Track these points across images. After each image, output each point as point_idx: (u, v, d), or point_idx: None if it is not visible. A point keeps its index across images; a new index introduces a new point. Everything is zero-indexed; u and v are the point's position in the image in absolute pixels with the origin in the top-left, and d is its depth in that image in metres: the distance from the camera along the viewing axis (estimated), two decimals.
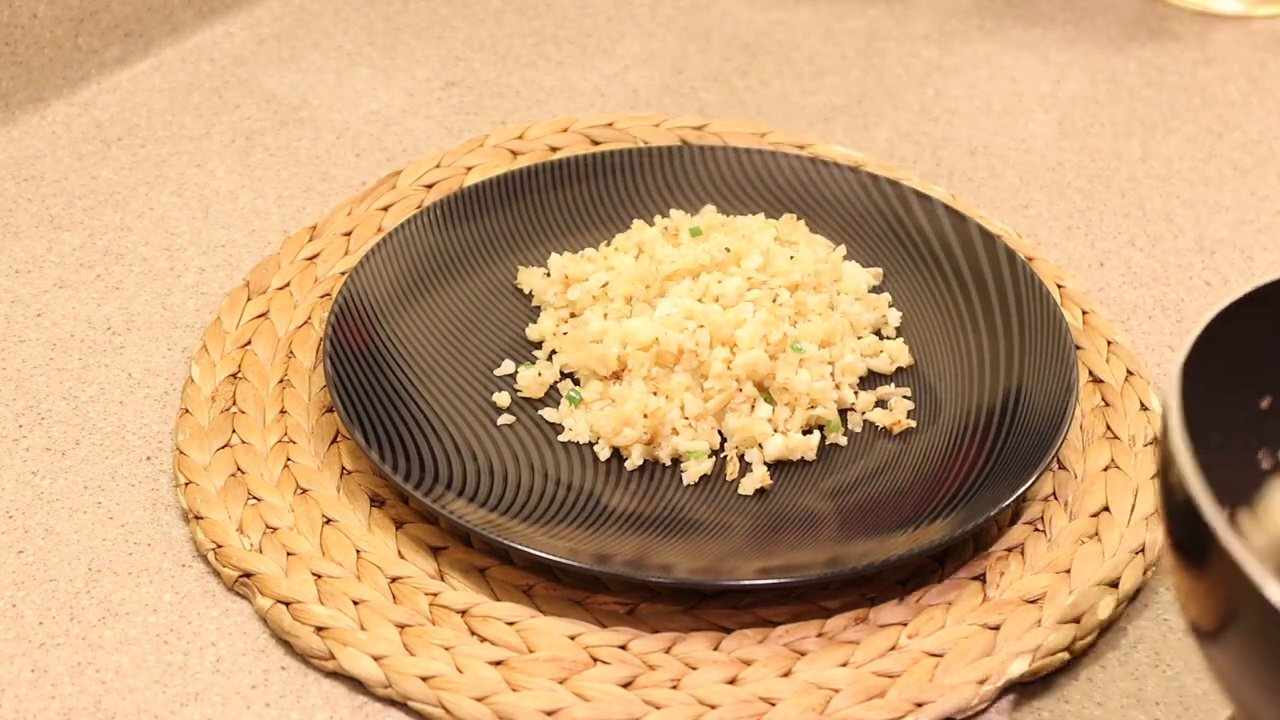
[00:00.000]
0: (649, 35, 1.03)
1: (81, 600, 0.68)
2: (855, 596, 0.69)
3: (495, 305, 0.81)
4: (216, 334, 0.79)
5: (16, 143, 0.92)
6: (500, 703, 0.64)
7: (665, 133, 0.92)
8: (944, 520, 0.69)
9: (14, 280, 0.83)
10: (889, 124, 0.97)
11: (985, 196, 0.91)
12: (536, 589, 0.69)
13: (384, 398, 0.74)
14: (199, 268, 0.84)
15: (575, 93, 0.98)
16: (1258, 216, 0.91)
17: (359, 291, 0.78)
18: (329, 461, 0.74)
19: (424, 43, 1.02)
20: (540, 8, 1.05)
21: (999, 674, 0.65)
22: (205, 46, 1.00)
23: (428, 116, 0.96)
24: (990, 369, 0.77)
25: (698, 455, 0.73)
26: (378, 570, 0.69)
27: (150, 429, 0.75)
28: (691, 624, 0.68)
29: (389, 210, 0.86)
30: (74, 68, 0.95)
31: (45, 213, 0.87)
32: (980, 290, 0.80)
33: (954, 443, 0.74)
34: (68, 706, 0.64)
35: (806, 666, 0.66)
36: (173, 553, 0.70)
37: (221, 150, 0.92)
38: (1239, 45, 1.04)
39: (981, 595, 0.69)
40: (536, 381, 0.76)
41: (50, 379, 0.78)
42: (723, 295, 0.77)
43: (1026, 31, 1.05)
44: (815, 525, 0.71)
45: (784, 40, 1.03)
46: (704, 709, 0.64)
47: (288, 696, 0.65)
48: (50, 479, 0.73)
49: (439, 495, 0.69)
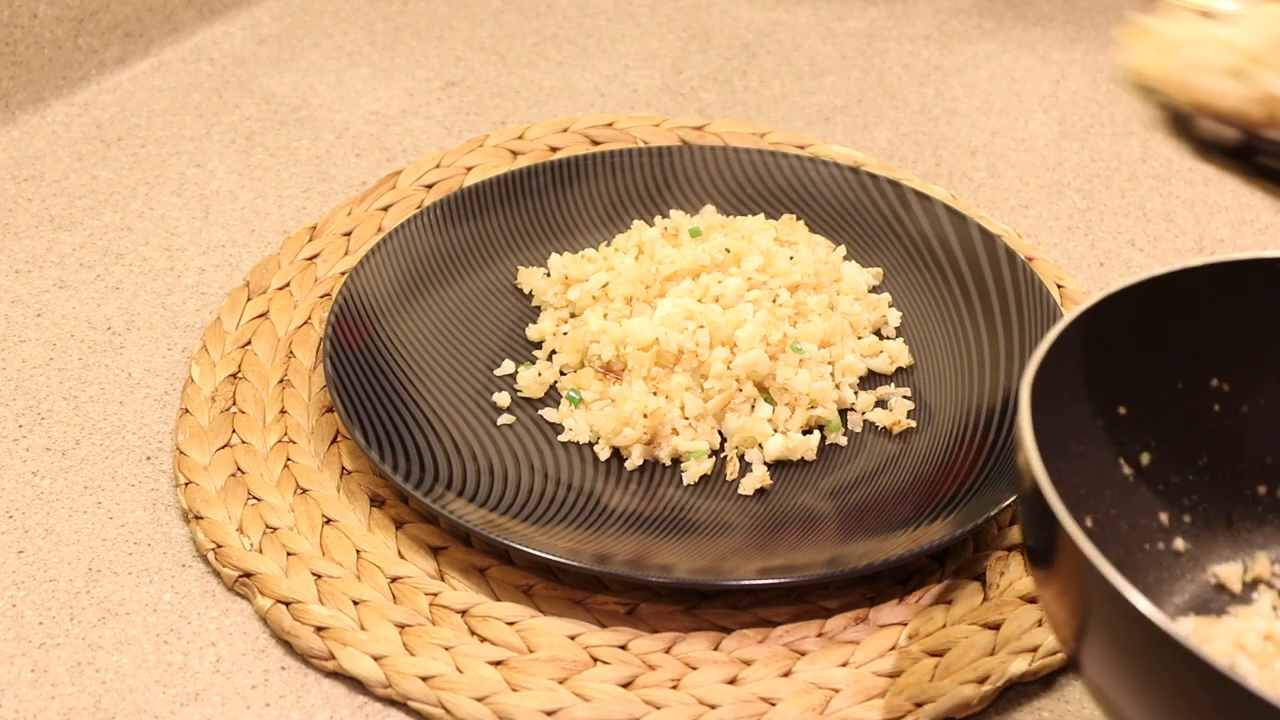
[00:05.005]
0: (649, 35, 1.03)
1: (81, 600, 0.68)
2: (855, 596, 0.69)
3: (495, 305, 0.81)
4: (216, 334, 0.79)
5: (16, 143, 0.92)
6: (500, 703, 0.64)
7: (665, 133, 0.92)
8: (944, 520, 0.69)
9: (14, 280, 0.83)
10: (889, 124, 0.97)
11: (985, 196, 0.91)
12: (536, 589, 0.69)
13: (384, 398, 0.74)
14: (199, 268, 0.84)
15: (575, 93, 0.98)
16: (1258, 216, 0.91)
17: (359, 291, 0.78)
18: (329, 461, 0.74)
19: (424, 43, 1.02)
20: (540, 8, 1.05)
21: (999, 674, 0.65)
22: (205, 46, 1.00)
23: (428, 116, 0.96)
24: (990, 369, 0.77)
25: (698, 455, 0.73)
26: (378, 570, 0.69)
27: (150, 429, 0.75)
28: (691, 624, 0.68)
29: (389, 210, 0.86)
30: (74, 68, 0.95)
31: (45, 213, 0.87)
32: (980, 290, 0.80)
33: (954, 443, 0.74)
34: (68, 706, 0.64)
35: (806, 666, 0.66)
36: (173, 553, 0.70)
37: (221, 150, 0.92)
38: None
39: (981, 595, 0.69)
40: (536, 381, 0.76)
41: (50, 379, 0.78)
42: (723, 295, 0.77)
43: (1026, 31, 1.05)
44: (815, 525, 0.71)
45: (784, 40, 1.03)
46: (704, 709, 0.64)
47: (288, 696, 0.65)
48: (50, 479, 0.73)
49: (439, 495, 0.69)
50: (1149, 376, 0.62)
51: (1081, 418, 0.60)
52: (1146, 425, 0.62)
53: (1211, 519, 0.63)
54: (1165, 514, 0.63)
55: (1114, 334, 0.60)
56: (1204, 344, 0.62)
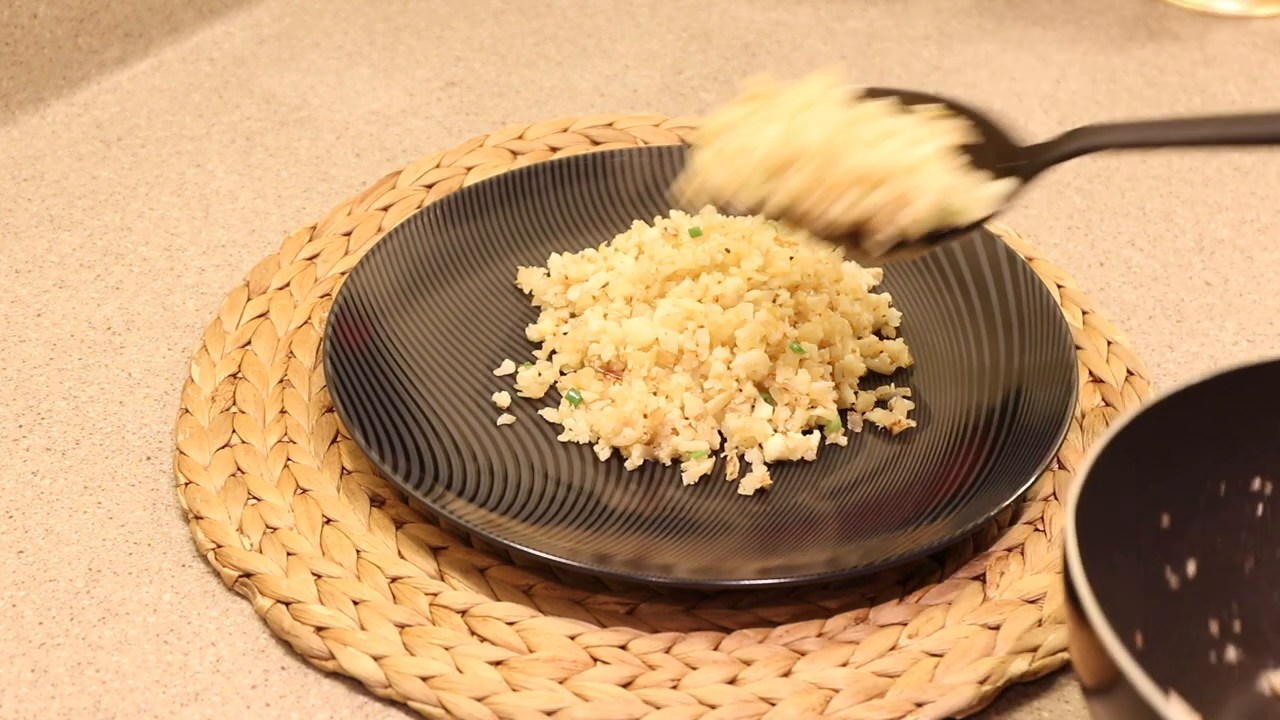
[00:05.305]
0: (649, 35, 1.03)
1: (81, 600, 0.68)
2: (855, 596, 0.69)
3: (495, 305, 0.81)
4: (216, 334, 0.79)
5: (16, 143, 0.92)
6: (500, 703, 0.64)
7: (665, 133, 0.92)
8: (944, 520, 0.69)
9: (14, 280, 0.83)
10: None
11: None
12: (536, 589, 0.69)
13: (384, 398, 0.74)
14: (199, 268, 0.84)
15: (575, 93, 0.98)
16: (1258, 216, 0.91)
17: (359, 291, 0.78)
18: (329, 461, 0.74)
19: (424, 43, 1.02)
20: (540, 8, 1.05)
21: (999, 674, 0.65)
22: (205, 46, 1.00)
23: (428, 116, 0.96)
24: (990, 369, 0.77)
25: (698, 455, 0.73)
26: (378, 570, 0.69)
27: (150, 429, 0.75)
28: (691, 624, 0.68)
29: (389, 210, 0.86)
30: (74, 68, 0.95)
31: (45, 213, 0.87)
32: (980, 290, 0.80)
33: (954, 443, 0.74)
34: (68, 706, 0.64)
35: (806, 666, 0.66)
36: (173, 553, 0.70)
37: (221, 150, 0.92)
38: (1239, 45, 1.04)
39: (981, 595, 0.69)
40: (536, 381, 0.76)
41: (50, 379, 0.78)
42: (723, 296, 0.77)
43: (1026, 31, 1.05)
44: (815, 525, 0.71)
45: (784, 40, 1.03)
46: (704, 709, 0.64)
47: (288, 696, 0.65)
48: (50, 479, 0.73)
49: (439, 495, 0.69)
50: (1190, 484, 0.61)
51: (1126, 533, 0.59)
52: (1191, 533, 0.61)
53: (1262, 625, 0.62)
54: (1215, 622, 0.61)
55: (1151, 445, 0.59)
56: (1242, 446, 0.61)
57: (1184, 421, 0.60)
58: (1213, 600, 0.61)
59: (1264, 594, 0.62)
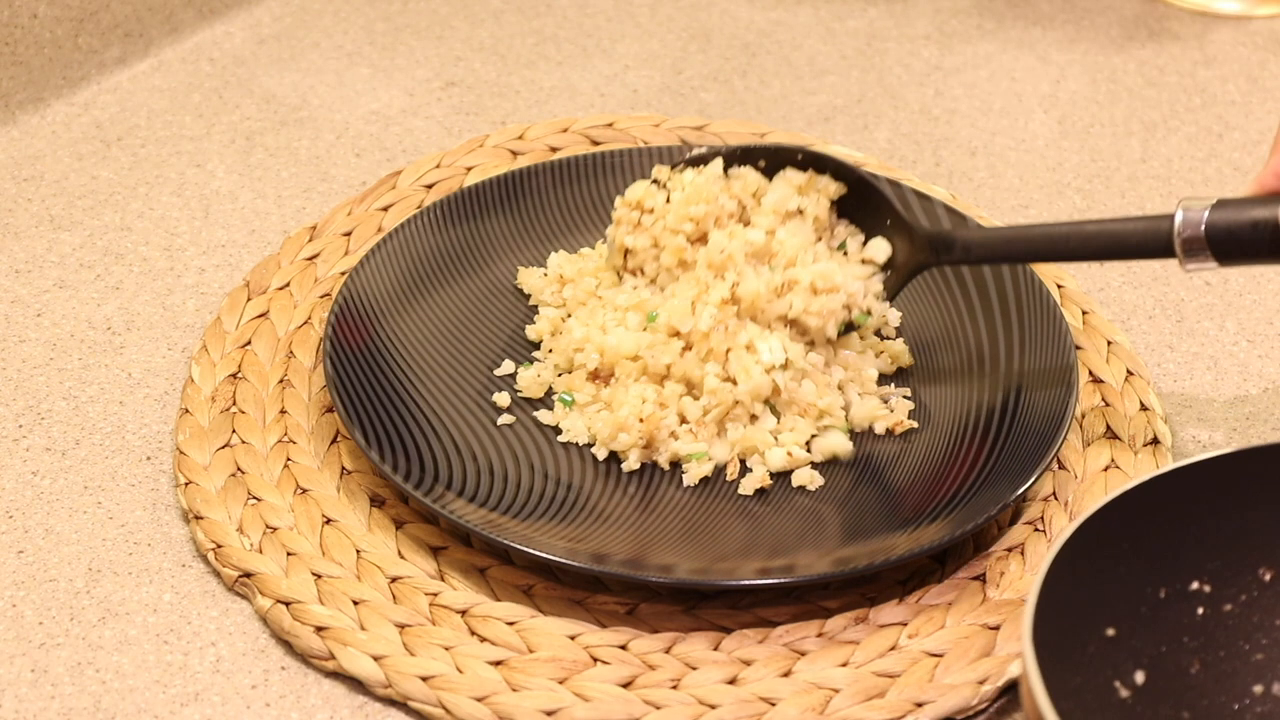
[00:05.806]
0: (649, 35, 1.03)
1: (81, 600, 0.68)
2: (855, 596, 0.69)
3: (495, 305, 0.81)
4: (216, 334, 0.79)
5: (16, 143, 0.92)
6: (500, 703, 0.64)
7: (665, 133, 0.92)
8: (944, 520, 0.69)
9: (14, 280, 0.83)
10: (889, 124, 0.97)
11: (985, 196, 0.91)
12: (536, 589, 0.69)
13: (384, 398, 0.74)
14: (199, 268, 0.84)
15: (575, 93, 0.98)
16: None
17: (359, 291, 0.78)
18: (329, 461, 0.74)
19: (424, 43, 1.02)
20: (540, 8, 1.05)
21: (999, 674, 0.65)
22: (205, 46, 1.00)
23: (428, 116, 0.96)
24: (990, 369, 0.77)
25: (699, 457, 0.73)
26: (378, 570, 0.69)
27: (150, 429, 0.75)
28: (691, 624, 0.68)
29: (389, 210, 0.86)
30: (74, 68, 0.95)
31: (45, 213, 0.87)
32: (980, 290, 0.80)
33: (954, 443, 0.74)
34: (68, 706, 0.64)
35: (806, 666, 0.66)
36: (173, 553, 0.70)
37: (221, 150, 0.92)
38: (1239, 45, 1.04)
39: (981, 595, 0.69)
40: (536, 382, 0.76)
41: (50, 379, 0.78)
42: None
43: (1026, 31, 1.05)
44: (815, 525, 0.71)
45: (784, 40, 1.03)
46: (704, 709, 0.64)
47: (288, 696, 0.65)
48: (50, 479, 0.73)
49: (439, 495, 0.69)
50: (1129, 593, 0.61)
51: (1075, 648, 0.59)
52: (1136, 642, 0.60)
53: None
54: None
55: (1088, 559, 0.59)
56: (1177, 549, 0.62)
57: (1118, 532, 0.60)
58: (1164, 707, 0.61)
59: (1211, 697, 0.61)
